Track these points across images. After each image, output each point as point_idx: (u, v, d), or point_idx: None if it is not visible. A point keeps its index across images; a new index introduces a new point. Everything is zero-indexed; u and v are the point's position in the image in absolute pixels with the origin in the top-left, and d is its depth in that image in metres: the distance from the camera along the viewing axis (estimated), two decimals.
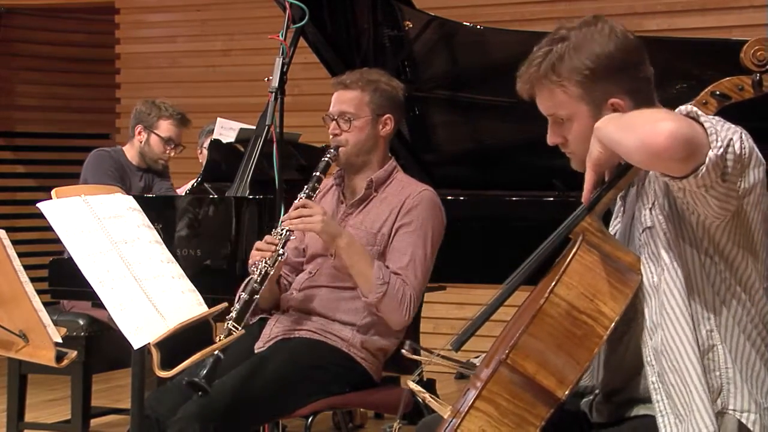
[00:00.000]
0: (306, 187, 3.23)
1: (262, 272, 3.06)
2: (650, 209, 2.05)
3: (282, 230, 3.13)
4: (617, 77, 2.09)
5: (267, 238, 3.14)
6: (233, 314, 2.92)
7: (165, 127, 4.85)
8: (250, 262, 3.14)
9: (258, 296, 3.02)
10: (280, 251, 3.09)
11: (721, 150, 1.84)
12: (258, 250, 3.12)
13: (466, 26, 4.32)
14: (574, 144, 2.16)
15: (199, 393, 2.80)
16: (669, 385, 1.99)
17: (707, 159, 1.83)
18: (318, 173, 3.25)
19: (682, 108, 1.93)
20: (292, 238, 3.16)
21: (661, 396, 2.01)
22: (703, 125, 1.86)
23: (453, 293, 5.32)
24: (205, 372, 2.77)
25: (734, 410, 1.98)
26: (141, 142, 4.85)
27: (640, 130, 1.86)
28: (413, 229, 3.20)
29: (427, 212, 3.23)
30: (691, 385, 1.96)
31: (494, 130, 4.61)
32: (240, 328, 2.89)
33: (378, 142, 3.31)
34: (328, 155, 3.28)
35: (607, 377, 2.17)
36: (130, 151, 4.89)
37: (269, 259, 3.08)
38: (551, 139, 2.19)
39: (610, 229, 2.21)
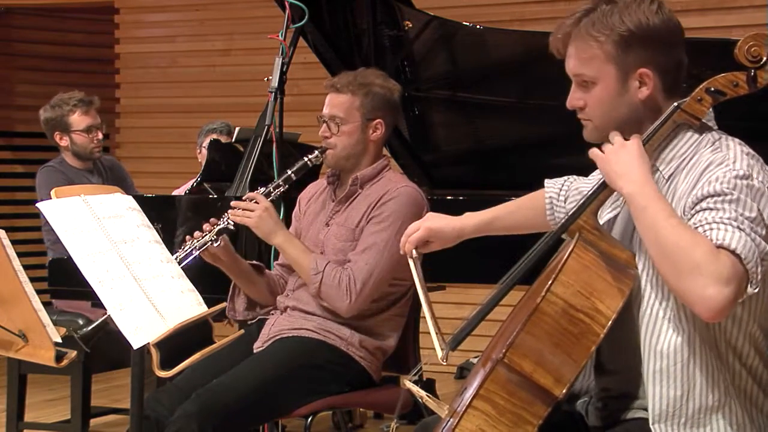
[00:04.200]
0: (271, 183, 3.27)
1: (186, 250, 3.14)
2: None
3: (223, 218, 3.20)
4: (654, 49, 2.07)
5: (212, 219, 3.22)
6: None
7: (77, 120, 4.76)
8: (191, 236, 3.19)
9: None
10: (213, 237, 3.16)
11: (758, 287, 1.89)
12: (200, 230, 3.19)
13: (466, 26, 4.31)
14: (592, 109, 2.13)
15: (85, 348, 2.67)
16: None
17: (745, 294, 1.88)
18: (290, 172, 3.29)
19: (726, 234, 1.89)
20: (231, 227, 3.20)
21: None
22: (746, 268, 1.87)
23: (452, 293, 5.31)
24: (88, 329, 2.64)
25: None
26: (67, 146, 4.79)
27: (684, 280, 1.87)
28: (380, 220, 3.19)
29: (402, 206, 3.21)
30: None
31: (494, 130, 4.60)
32: None
33: (368, 146, 3.30)
34: (310, 156, 3.30)
35: (603, 381, 2.16)
36: (68, 158, 4.81)
37: (197, 240, 3.15)
38: (571, 102, 2.15)
39: (604, 214, 2.20)
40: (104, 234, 2.43)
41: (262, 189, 3.26)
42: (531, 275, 2.16)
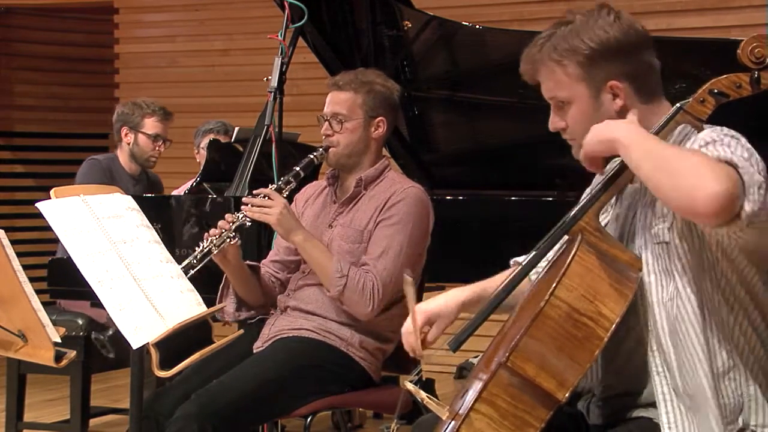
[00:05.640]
0: (281, 178, 3.25)
1: (204, 250, 3.10)
2: (669, 228, 2.04)
3: (239, 215, 3.15)
4: (617, 60, 2.09)
5: (227, 216, 3.16)
6: None
7: (151, 125, 4.83)
8: (205, 236, 3.15)
9: (193, 271, 3.02)
10: (231, 234, 3.12)
11: (758, 207, 1.84)
12: (218, 227, 3.15)
13: (466, 26, 4.32)
14: (572, 128, 2.15)
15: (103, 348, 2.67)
16: (687, 407, 2.01)
17: (743, 213, 1.84)
18: (298, 168, 3.27)
19: (721, 152, 1.89)
20: (248, 223, 3.16)
21: (673, 409, 2.02)
22: (742, 178, 1.85)
23: None
24: (111, 333, 2.62)
25: (756, 425, 2.01)
26: (129, 144, 4.84)
27: (683, 181, 1.84)
28: (392, 223, 3.19)
29: (410, 207, 3.21)
30: (705, 410, 1.98)
31: (493, 130, 4.61)
32: None
33: (369, 144, 3.31)
34: (315, 153, 3.29)
35: (605, 379, 2.16)
36: (122, 156, 4.87)
37: (216, 238, 3.11)
38: (552, 125, 2.18)
39: (602, 215, 2.20)
40: (104, 234, 2.42)
41: (273, 185, 3.24)
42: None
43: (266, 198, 3.16)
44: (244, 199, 3.20)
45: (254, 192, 3.22)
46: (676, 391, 2.02)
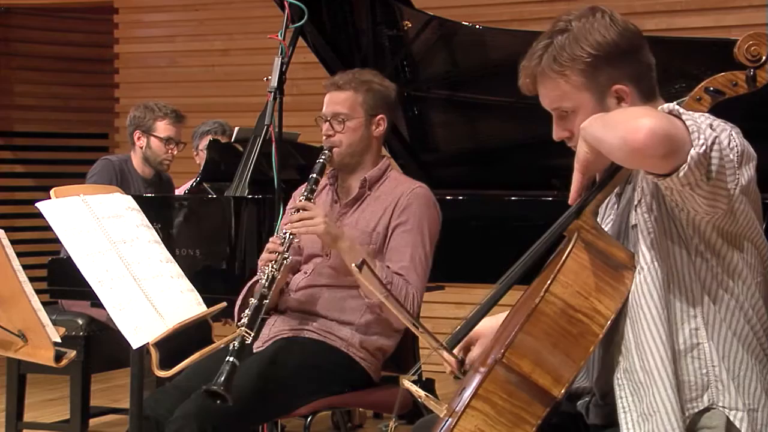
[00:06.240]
0: (304, 189, 3.24)
1: (270, 277, 3.07)
2: (636, 207, 2.05)
3: (285, 234, 3.14)
4: (620, 63, 2.08)
5: (273, 239, 3.15)
6: (245, 320, 2.92)
7: (163, 128, 4.86)
8: (260, 264, 3.15)
9: (267, 300, 3.02)
10: (285, 255, 3.10)
11: (704, 148, 1.85)
12: (268, 252, 3.13)
13: (465, 26, 4.32)
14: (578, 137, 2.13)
15: (218, 401, 2.79)
16: (637, 383, 1.99)
17: (689, 157, 1.84)
18: (315, 175, 3.26)
19: (665, 106, 1.93)
20: (296, 241, 3.16)
21: (626, 393, 2.01)
22: (685, 123, 1.87)
23: (452, 293, 5.32)
24: (222, 379, 2.77)
25: (723, 407, 1.99)
26: (142, 147, 4.86)
27: (620, 127, 1.87)
28: (410, 228, 3.20)
29: (422, 209, 3.22)
30: (660, 384, 1.96)
31: (493, 130, 4.61)
32: (252, 334, 2.90)
33: (371, 143, 3.31)
34: (323, 157, 3.29)
35: (601, 378, 2.17)
36: (135, 159, 4.90)
37: (275, 263, 3.09)
38: (557, 134, 2.17)
39: (602, 223, 2.20)
40: (104, 234, 2.43)
41: (301, 197, 3.20)
42: (529, 275, 2.16)
43: (301, 211, 3.13)
44: (282, 224, 3.20)
45: (286, 209, 3.23)
46: (629, 370, 2.00)
